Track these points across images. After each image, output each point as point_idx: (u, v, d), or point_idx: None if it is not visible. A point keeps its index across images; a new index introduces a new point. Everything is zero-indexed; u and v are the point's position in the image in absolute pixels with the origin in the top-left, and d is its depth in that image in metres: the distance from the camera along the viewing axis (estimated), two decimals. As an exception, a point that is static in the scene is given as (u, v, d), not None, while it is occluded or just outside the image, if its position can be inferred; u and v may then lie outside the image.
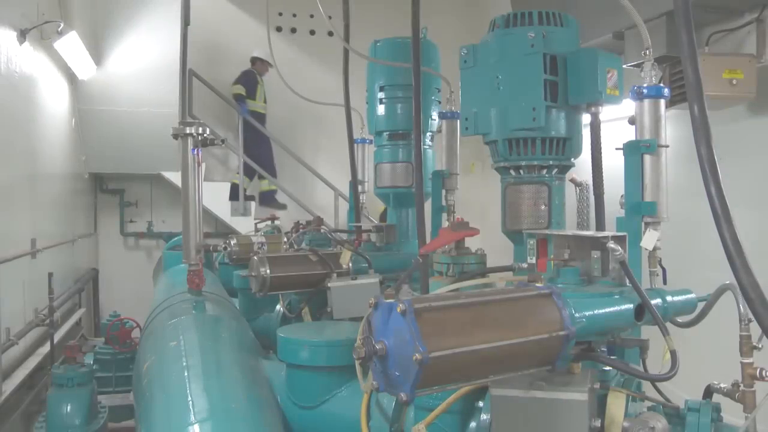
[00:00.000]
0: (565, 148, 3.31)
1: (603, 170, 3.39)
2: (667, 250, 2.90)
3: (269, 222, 7.36)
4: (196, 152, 4.53)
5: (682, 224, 6.11)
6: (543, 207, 3.33)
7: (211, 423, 2.79)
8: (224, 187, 10.21)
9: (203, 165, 4.67)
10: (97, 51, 9.17)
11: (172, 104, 9.08)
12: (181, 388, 3.11)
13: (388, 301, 1.79)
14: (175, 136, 4.55)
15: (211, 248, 5.14)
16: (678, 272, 3.19)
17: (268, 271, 4.16)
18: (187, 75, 8.64)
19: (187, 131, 4.49)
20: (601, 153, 3.36)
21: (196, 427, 2.75)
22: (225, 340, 3.88)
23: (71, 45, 7.33)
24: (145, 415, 3.22)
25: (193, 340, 3.71)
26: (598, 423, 2.19)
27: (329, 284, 4.15)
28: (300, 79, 9.66)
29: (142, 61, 9.43)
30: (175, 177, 9.09)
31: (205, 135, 4.56)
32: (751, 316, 2.20)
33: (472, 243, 3.59)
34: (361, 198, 5.95)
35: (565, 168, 3.39)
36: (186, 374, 3.23)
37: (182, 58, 8.12)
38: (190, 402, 2.93)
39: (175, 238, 7.00)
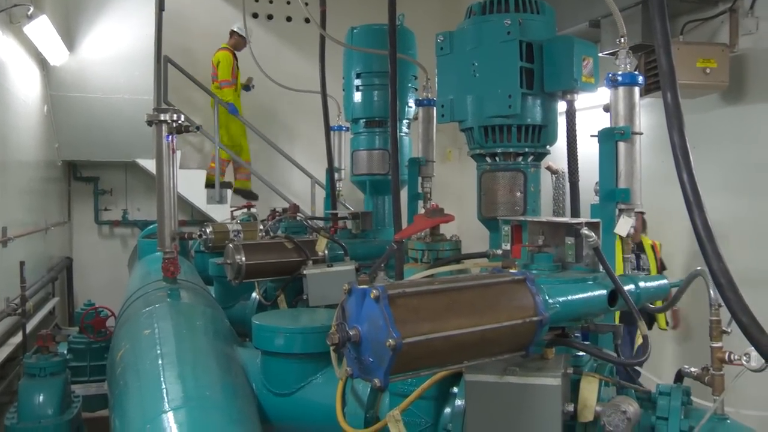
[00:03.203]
0: (540, 135, 3.32)
1: (578, 158, 3.40)
2: (640, 237, 2.92)
3: (245, 210, 7.32)
4: (170, 139, 4.48)
5: (655, 211, 6.21)
6: (518, 194, 3.34)
7: (185, 410, 2.77)
8: (200, 174, 10.12)
9: (178, 152, 4.63)
10: (70, 36, 9.00)
11: (146, 91, 8.97)
12: (155, 375, 3.09)
13: (361, 287, 1.79)
14: (150, 123, 4.50)
15: (186, 236, 5.12)
16: (651, 259, 3.23)
17: (243, 258, 4.15)
18: (162, 61, 8.52)
19: (162, 118, 4.45)
20: (576, 140, 3.37)
21: (170, 414, 2.73)
22: (199, 328, 3.86)
23: (42, 29, 7.18)
24: (119, 403, 3.19)
25: (167, 328, 3.68)
26: (571, 407, 2.22)
27: (305, 271, 4.14)
28: (276, 66, 9.62)
29: (116, 47, 9.28)
30: (150, 165, 8.97)
31: (179, 122, 4.51)
32: (721, 301, 2.23)
33: (447, 229, 3.59)
34: (337, 185, 5.93)
35: (540, 155, 3.40)
36: (160, 362, 3.21)
37: (157, 45, 8.01)
38: (164, 390, 2.91)
39: (151, 226, 6.94)
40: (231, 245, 4.25)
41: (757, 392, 4.11)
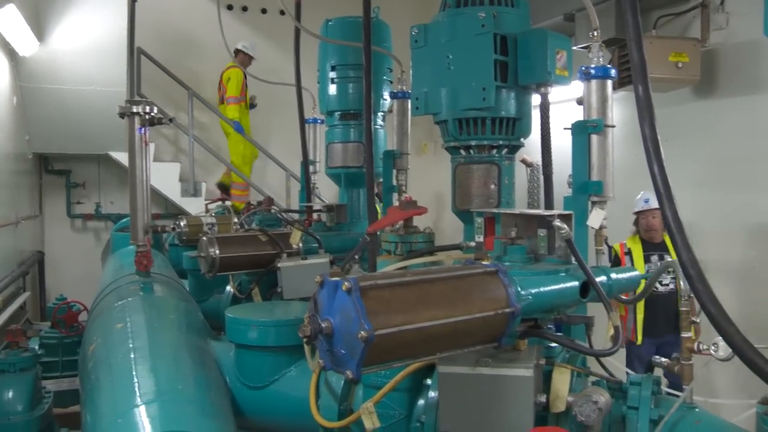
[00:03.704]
0: (514, 128, 3.33)
1: (552, 150, 3.42)
2: (612, 229, 2.95)
3: (220, 203, 7.28)
4: (143, 131, 4.43)
5: (628, 204, 6.27)
6: (493, 186, 3.35)
7: (158, 404, 2.74)
8: (174, 167, 10.02)
9: (152, 145, 4.57)
10: (39, 26, 8.85)
11: (119, 83, 8.84)
12: (127, 370, 3.05)
13: (333, 279, 1.78)
14: (122, 115, 4.44)
15: (160, 229, 5.07)
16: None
17: (217, 251, 4.12)
18: (135, 53, 8.41)
19: (134, 110, 4.38)
20: (550, 133, 3.39)
21: (142, 408, 2.69)
22: (172, 321, 3.82)
23: (9, 19, 7.04)
24: (91, 398, 3.15)
25: (140, 321, 3.64)
26: (543, 398, 2.23)
27: (279, 264, 4.13)
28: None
29: (88, 38, 9.13)
30: (123, 157, 8.83)
31: (152, 114, 4.45)
32: (690, 291, 2.26)
33: (421, 222, 3.60)
34: (312, 178, 5.91)
35: (514, 148, 3.41)
36: (132, 356, 3.17)
37: (130, 36, 7.91)
38: (136, 384, 2.88)
39: (124, 220, 6.86)
40: (205, 238, 4.22)
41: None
